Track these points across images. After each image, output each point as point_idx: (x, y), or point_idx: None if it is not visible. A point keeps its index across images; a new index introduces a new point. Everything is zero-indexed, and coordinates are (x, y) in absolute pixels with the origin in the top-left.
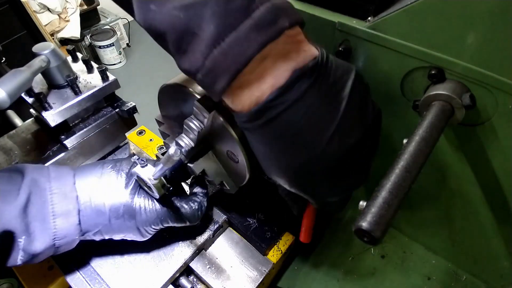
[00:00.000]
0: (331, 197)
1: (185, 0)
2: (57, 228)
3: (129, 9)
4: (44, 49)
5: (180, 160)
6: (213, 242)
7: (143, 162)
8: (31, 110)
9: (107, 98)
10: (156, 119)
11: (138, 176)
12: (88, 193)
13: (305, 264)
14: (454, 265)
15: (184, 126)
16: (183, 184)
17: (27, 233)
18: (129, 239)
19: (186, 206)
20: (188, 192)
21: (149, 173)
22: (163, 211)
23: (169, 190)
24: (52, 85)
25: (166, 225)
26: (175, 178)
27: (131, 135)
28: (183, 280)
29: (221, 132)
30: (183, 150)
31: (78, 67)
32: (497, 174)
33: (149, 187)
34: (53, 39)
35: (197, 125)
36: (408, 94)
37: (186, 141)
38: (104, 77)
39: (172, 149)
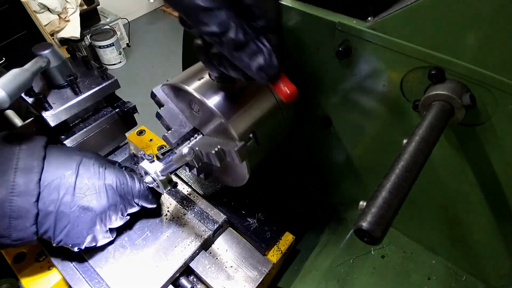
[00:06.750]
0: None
1: None
2: (16, 182)
3: None
4: (44, 49)
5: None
6: (213, 242)
7: (150, 157)
8: (31, 110)
9: (107, 98)
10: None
11: (144, 171)
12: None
13: (305, 264)
14: (454, 265)
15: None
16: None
17: None
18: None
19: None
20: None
21: (156, 169)
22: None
23: (175, 186)
24: (52, 85)
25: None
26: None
27: (131, 135)
28: (183, 280)
29: (224, 134)
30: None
31: (78, 67)
32: (497, 174)
33: (155, 183)
34: (53, 39)
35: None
36: (408, 94)
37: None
38: (104, 77)
39: (186, 149)
